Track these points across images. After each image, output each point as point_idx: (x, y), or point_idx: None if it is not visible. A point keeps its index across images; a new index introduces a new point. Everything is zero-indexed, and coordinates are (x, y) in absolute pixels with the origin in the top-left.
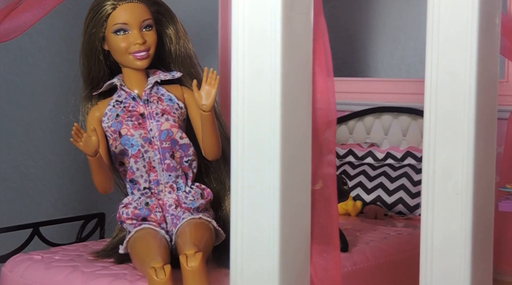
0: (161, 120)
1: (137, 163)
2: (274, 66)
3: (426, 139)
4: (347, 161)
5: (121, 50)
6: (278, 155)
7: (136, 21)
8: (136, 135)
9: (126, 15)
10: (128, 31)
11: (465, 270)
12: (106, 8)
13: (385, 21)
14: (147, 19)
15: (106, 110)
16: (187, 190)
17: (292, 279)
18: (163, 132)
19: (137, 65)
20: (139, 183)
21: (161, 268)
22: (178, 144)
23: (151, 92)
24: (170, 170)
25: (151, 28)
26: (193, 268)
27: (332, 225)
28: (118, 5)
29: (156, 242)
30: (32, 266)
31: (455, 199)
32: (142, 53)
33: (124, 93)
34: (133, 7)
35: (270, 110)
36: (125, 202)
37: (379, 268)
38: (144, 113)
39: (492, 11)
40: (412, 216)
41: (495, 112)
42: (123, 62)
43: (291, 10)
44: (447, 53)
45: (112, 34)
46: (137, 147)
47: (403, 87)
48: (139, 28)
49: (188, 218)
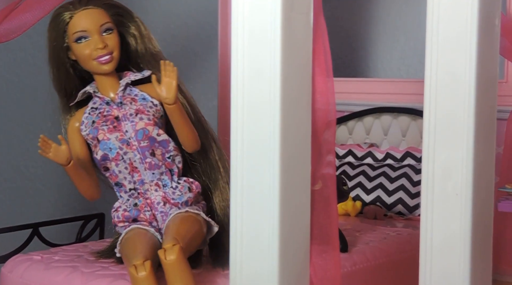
0: (135, 120)
1: (118, 166)
2: (273, 67)
3: (425, 140)
4: (347, 161)
5: (85, 57)
6: (277, 155)
7: (94, 27)
8: (112, 138)
9: (84, 22)
10: (88, 38)
11: (465, 270)
12: (63, 18)
13: (385, 21)
14: (106, 22)
15: (83, 118)
16: (174, 186)
17: (292, 279)
18: (139, 131)
19: (103, 70)
20: (124, 185)
21: (142, 264)
22: (157, 141)
23: (124, 94)
24: (152, 168)
25: (111, 31)
26: (171, 261)
27: (331, 225)
28: (75, 13)
29: (142, 241)
30: (32, 267)
31: (455, 199)
32: (106, 57)
33: (99, 100)
34: (90, 13)
35: (269, 111)
36: (116, 206)
37: (378, 268)
38: (119, 116)
39: (492, 11)
40: (411, 216)
41: (494, 112)
42: (90, 68)
43: (291, 10)
44: (446, 53)
45: (74, 43)
46: (115, 150)
47: (403, 88)
48: (99, 33)
49: (174, 213)
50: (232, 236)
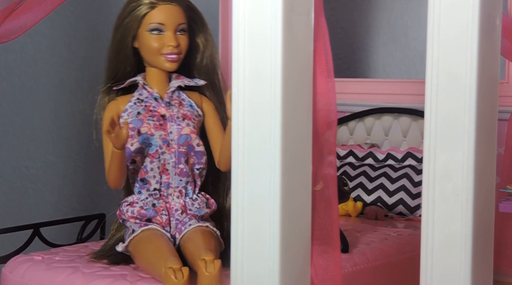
0: (182, 124)
1: (152, 163)
2: (274, 67)
3: (426, 140)
4: (348, 161)
5: (153, 50)
6: (278, 155)
7: (172, 23)
8: (156, 135)
9: (164, 16)
10: (163, 32)
11: (466, 271)
12: (144, 6)
13: (386, 22)
14: (182, 23)
15: (127, 106)
16: (194, 197)
17: (293, 279)
18: (182, 136)
19: (166, 67)
20: (150, 183)
21: (179, 270)
22: (194, 150)
23: (173, 95)
24: (182, 174)
25: (185, 32)
26: (211, 274)
27: (332, 225)
28: (157, 4)
29: (167, 244)
30: (33, 267)
31: (456, 199)
32: (174, 56)
33: (146, 92)
34: (171, 9)
35: (270, 111)
36: (130, 200)
37: (379, 269)
38: (165, 115)
39: (493, 12)
40: (412, 217)
41: (495, 113)
42: (152, 61)
43: (291, 11)
44: (447, 54)
45: (146, 32)
46: (155, 147)
47: (404, 88)
48: (174, 30)
49: (196, 225)
50: (233, 236)
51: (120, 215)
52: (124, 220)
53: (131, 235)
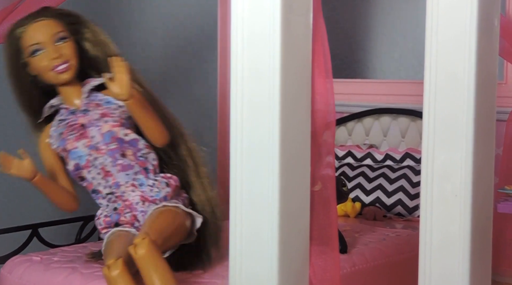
0: (100, 124)
1: (91, 172)
2: (273, 68)
3: (425, 141)
4: (346, 162)
5: (43, 69)
6: (277, 156)
7: (47, 37)
8: (80, 145)
9: (36, 34)
10: (43, 49)
11: (464, 271)
12: (16, 35)
13: (384, 22)
14: (59, 31)
15: (51, 132)
16: (151, 183)
17: (291, 280)
18: (106, 134)
19: (62, 79)
20: (100, 191)
21: (114, 263)
22: (125, 141)
23: (89, 101)
24: (125, 169)
25: (66, 39)
26: (142, 255)
27: (331, 226)
28: (26, 28)
29: (120, 242)
30: (31, 268)
31: (454, 200)
32: (63, 66)
33: (65, 111)
34: (41, 25)
35: (269, 112)
36: (98, 214)
37: (378, 269)
38: (84, 123)
39: (491, 13)
40: (411, 217)
41: (494, 113)
42: (49, 80)
43: (290, 11)
44: (446, 54)
45: (30, 57)
46: (84, 157)
47: (402, 89)
48: (53, 43)
49: (151, 210)
50: (231, 237)
51: (99, 232)
52: (100, 234)
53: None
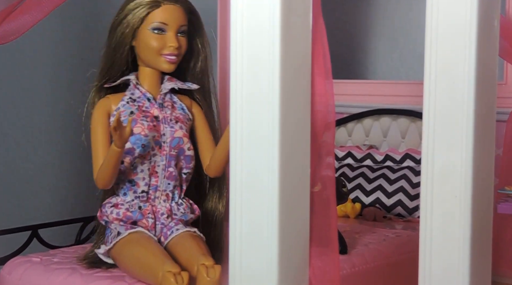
0: (175, 127)
1: (143, 165)
2: (272, 69)
3: (425, 142)
4: (346, 163)
5: (153, 49)
6: (276, 157)
7: (175, 24)
8: (150, 136)
9: (167, 16)
10: (164, 32)
11: (464, 272)
12: (148, 5)
13: (384, 23)
14: (184, 24)
15: (119, 105)
16: (179, 202)
17: (291, 281)
18: (175, 139)
19: (164, 68)
20: (139, 185)
21: (179, 274)
22: (185, 154)
23: (165, 97)
24: (171, 178)
25: (185, 34)
26: (212, 280)
27: (330, 227)
28: (162, 4)
29: (161, 248)
30: (31, 269)
31: (454, 201)
32: (173, 57)
33: (138, 92)
34: (175, 10)
35: (268, 112)
36: (114, 201)
37: (377, 270)
38: (159, 116)
39: (491, 13)
40: (411, 218)
41: (494, 114)
42: (150, 61)
43: (289, 12)
44: (446, 55)
45: (148, 30)
46: (148, 148)
47: (402, 90)
48: (176, 31)
49: (184, 230)
50: (231, 238)
51: (101, 216)
52: (106, 222)
53: (116, 237)
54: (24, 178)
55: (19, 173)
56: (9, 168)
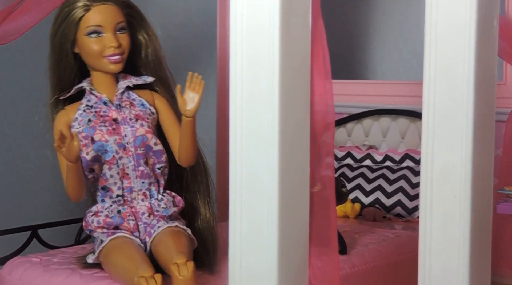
0: (136, 125)
1: (111, 170)
2: (272, 69)
3: (424, 142)
4: (346, 163)
5: (94, 53)
6: (276, 157)
7: (110, 24)
8: (111, 141)
9: (100, 17)
10: (102, 34)
11: (464, 272)
12: (78, 10)
13: (384, 23)
14: (121, 21)
15: (76, 115)
16: (159, 198)
17: (291, 281)
18: (138, 138)
19: (110, 69)
20: (112, 190)
21: (151, 277)
22: (152, 150)
23: (122, 97)
24: (143, 176)
25: (124, 31)
26: (185, 278)
27: (330, 227)
28: (92, 6)
29: (137, 251)
30: (31, 269)
31: (454, 201)
32: (117, 57)
33: (94, 98)
34: (107, 9)
35: (268, 113)
36: (94, 210)
37: (377, 270)
38: (117, 118)
39: (490, 13)
40: (410, 218)
41: (493, 114)
42: (95, 65)
43: (289, 13)
44: (445, 55)
45: (84, 36)
46: (111, 153)
47: (402, 90)
48: (113, 30)
49: (165, 226)
50: (231, 239)
51: (86, 226)
52: (91, 231)
53: (99, 245)
54: (24, 178)
55: (19, 173)
56: (9, 168)
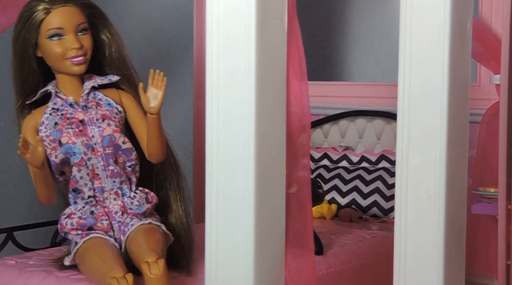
0: (103, 125)
1: (81, 171)
2: (248, 71)
3: (399, 143)
4: (322, 164)
5: (57, 56)
6: (252, 158)
7: (71, 25)
8: (78, 143)
9: (61, 20)
10: (63, 36)
11: (438, 272)
12: (38, 13)
13: (359, 25)
14: (82, 22)
15: (43, 119)
16: (132, 195)
17: (267, 282)
18: (106, 138)
19: (74, 71)
20: (83, 191)
21: (123, 278)
22: (121, 148)
23: (88, 97)
24: (114, 176)
25: (86, 31)
26: (156, 276)
27: (306, 228)
28: (52, 9)
29: (110, 251)
30: (6, 271)
31: (428, 201)
32: (80, 58)
33: (60, 100)
34: (68, 11)
35: (244, 114)
36: (68, 212)
37: (353, 271)
38: (84, 119)
39: (464, 16)
40: (386, 219)
41: (467, 116)
42: (59, 68)
43: (265, 14)
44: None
45: (46, 39)
46: (79, 154)
47: (377, 91)
48: (75, 32)
49: (138, 224)
50: (207, 240)
51: (61, 228)
52: (66, 233)
53: (74, 247)
54: (1, 180)
55: None
56: None
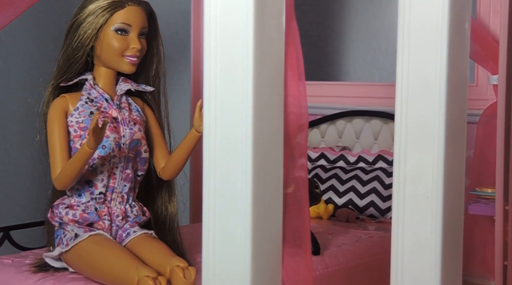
0: (134, 129)
1: (103, 166)
2: (246, 70)
3: (397, 143)
4: (319, 164)
5: (115, 50)
6: (250, 158)
7: (137, 26)
8: (111, 138)
9: (132, 17)
10: (127, 33)
11: (435, 273)
12: (113, 5)
13: (357, 25)
14: (145, 26)
15: (78, 105)
16: (132, 204)
17: (264, 282)
18: (134, 141)
19: (126, 69)
20: (96, 186)
21: (157, 278)
22: (141, 156)
23: (123, 100)
24: (127, 180)
25: (145, 36)
26: (189, 281)
27: (304, 228)
28: (126, 5)
29: (125, 250)
30: (2, 271)
31: (426, 202)
32: (135, 59)
33: (96, 92)
34: (139, 12)
35: (242, 114)
36: (68, 202)
37: (350, 271)
38: (118, 117)
39: (462, 15)
40: (383, 219)
41: (465, 116)
42: (111, 62)
43: (263, 14)
44: (417, 57)
45: (111, 31)
46: (108, 149)
47: (375, 91)
48: (138, 33)
49: (142, 232)
50: (204, 240)
51: (53, 217)
52: (61, 223)
53: (73, 239)
54: None
55: None
56: None
